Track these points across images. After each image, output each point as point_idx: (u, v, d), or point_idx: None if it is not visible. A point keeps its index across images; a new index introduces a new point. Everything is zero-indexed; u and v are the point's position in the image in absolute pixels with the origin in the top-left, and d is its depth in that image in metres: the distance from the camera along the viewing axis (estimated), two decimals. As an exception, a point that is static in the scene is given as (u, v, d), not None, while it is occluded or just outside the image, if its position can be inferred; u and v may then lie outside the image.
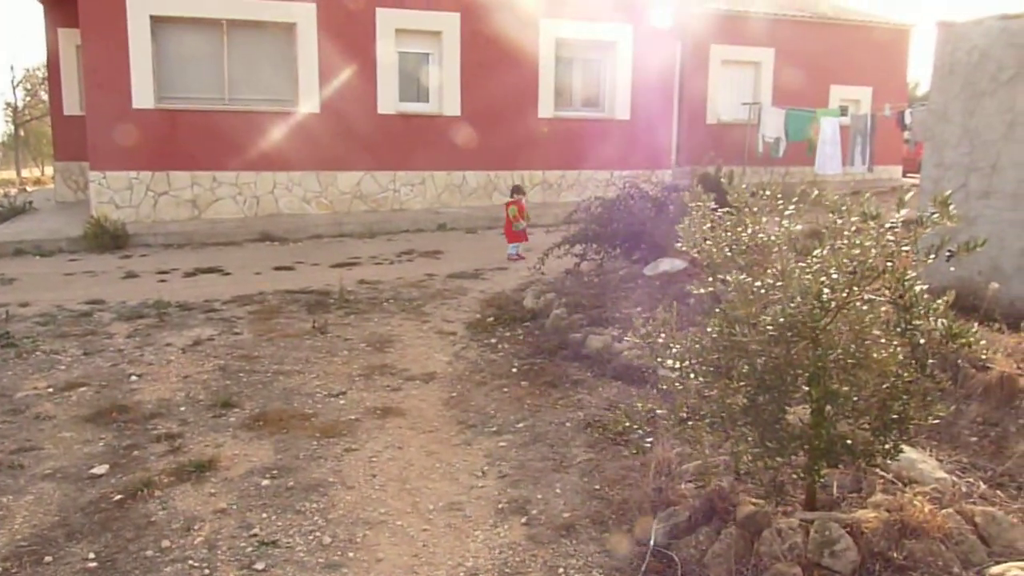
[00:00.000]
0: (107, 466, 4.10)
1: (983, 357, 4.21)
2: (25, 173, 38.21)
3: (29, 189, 24.38)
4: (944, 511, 2.95)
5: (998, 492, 3.34)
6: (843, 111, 19.92)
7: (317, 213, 14.46)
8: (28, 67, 51.87)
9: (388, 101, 14.81)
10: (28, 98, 42.74)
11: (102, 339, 6.52)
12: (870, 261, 2.75)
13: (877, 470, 3.25)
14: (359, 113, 14.57)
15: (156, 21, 13.29)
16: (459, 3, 14.90)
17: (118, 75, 13.04)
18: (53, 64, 17.57)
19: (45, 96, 32.26)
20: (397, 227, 13.52)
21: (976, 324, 2.89)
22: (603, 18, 16.15)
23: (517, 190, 10.87)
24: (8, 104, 42.26)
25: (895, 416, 2.88)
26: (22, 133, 42.65)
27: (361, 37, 14.43)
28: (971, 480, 3.43)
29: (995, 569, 2.69)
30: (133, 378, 5.52)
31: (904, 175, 22.98)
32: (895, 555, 2.80)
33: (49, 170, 32.60)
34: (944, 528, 2.86)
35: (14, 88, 41.80)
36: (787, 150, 18.82)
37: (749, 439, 2.98)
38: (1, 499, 3.77)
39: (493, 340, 6.42)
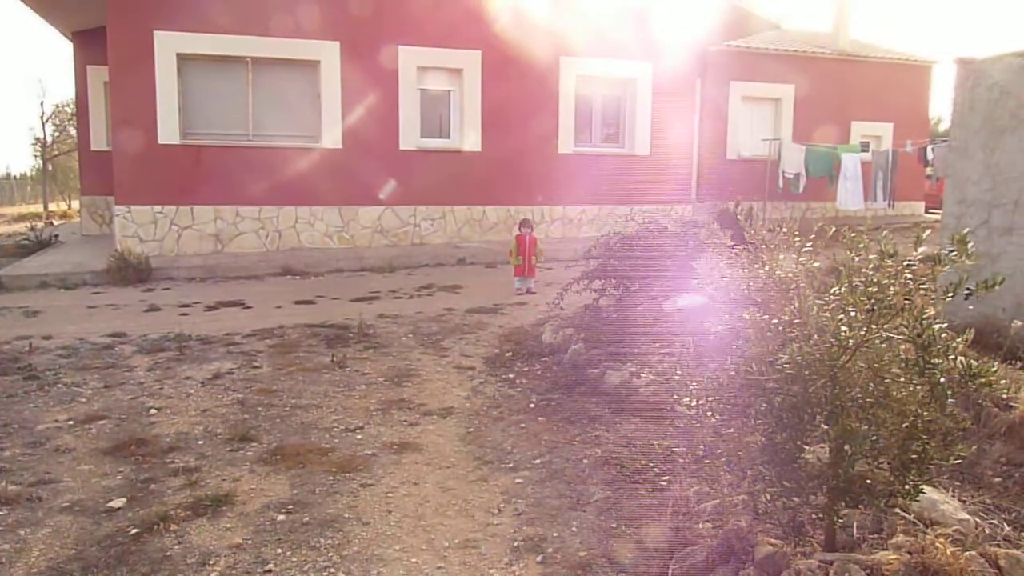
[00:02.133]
0: (124, 499, 4.12)
1: (1005, 396, 4.16)
2: (52, 207, 38.81)
3: (56, 223, 24.76)
4: (967, 553, 2.89)
5: (1023, 534, 3.27)
6: (864, 147, 19.90)
7: (338, 247, 14.57)
8: (57, 103, 52.93)
9: (409, 137, 14.97)
10: (57, 133, 43.53)
11: (123, 372, 6.58)
12: (888, 299, 2.73)
13: (898, 511, 3.21)
14: (381, 149, 14.73)
15: (183, 59, 13.56)
16: (480, 41, 15.10)
17: (145, 111, 13.29)
18: (81, 100, 17.94)
19: (73, 131, 32.87)
20: (417, 261, 13.60)
21: (999, 362, 2.86)
22: (623, 55, 16.29)
23: (524, 223, 10.92)
24: (37, 139, 43.03)
25: (915, 456, 2.85)
26: (50, 167, 43.39)
27: (383, 74, 14.64)
28: (995, 522, 3.37)
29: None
30: (152, 411, 5.56)
31: (927, 211, 22.87)
32: (917, 599, 2.75)
33: (76, 204, 33.12)
34: (967, 571, 2.81)
35: (43, 123, 42.57)
36: (807, 186, 18.81)
37: (767, 478, 2.95)
38: (19, 532, 3.79)
39: (511, 375, 6.42)
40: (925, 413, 2.82)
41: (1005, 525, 3.34)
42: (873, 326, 2.77)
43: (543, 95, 15.75)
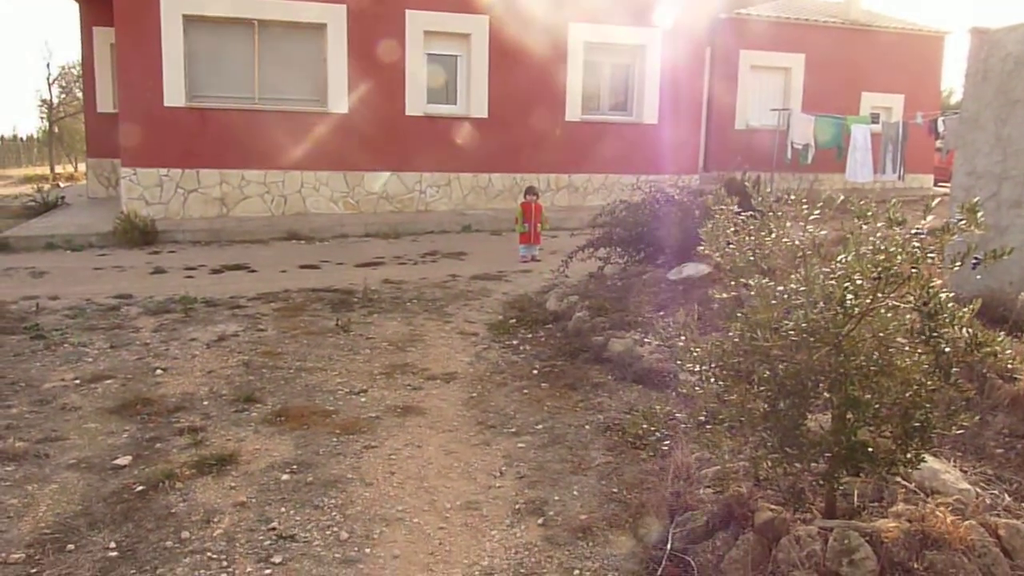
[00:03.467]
0: (130, 457, 4.15)
1: (1010, 367, 4.15)
2: (58, 169, 38.78)
3: (62, 185, 24.75)
4: (967, 523, 2.90)
5: (1023, 505, 3.28)
6: (874, 118, 19.73)
7: (343, 213, 14.55)
8: (63, 65, 52.63)
9: (416, 103, 14.88)
10: (63, 95, 43.34)
11: (129, 333, 6.60)
12: (895, 267, 2.72)
13: (899, 479, 3.21)
14: (387, 114, 14.65)
15: (189, 20, 13.45)
16: (488, 5, 14.94)
17: (150, 73, 13.21)
18: (87, 62, 17.86)
19: (79, 93, 32.72)
20: (422, 228, 13.57)
21: (1004, 334, 2.84)
22: (631, 22, 16.12)
23: (530, 191, 10.90)
24: (44, 101, 42.87)
25: (917, 425, 2.84)
26: (56, 130, 43.26)
27: (390, 39, 14.51)
28: (996, 492, 3.38)
29: (1018, 582, 2.65)
30: (158, 372, 5.59)
31: (936, 184, 22.72)
32: (916, 566, 2.76)
33: (82, 166, 33.06)
34: (966, 540, 2.82)
35: (50, 85, 42.37)
36: (816, 157, 18.67)
37: (769, 445, 2.95)
38: (26, 487, 3.82)
39: (515, 342, 6.42)
40: (929, 382, 2.82)
41: (1006, 496, 3.35)
42: (879, 294, 2.75)
43: (551, 62, 15.60)
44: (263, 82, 14.11)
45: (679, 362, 3.14)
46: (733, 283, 3.18)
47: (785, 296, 2.89)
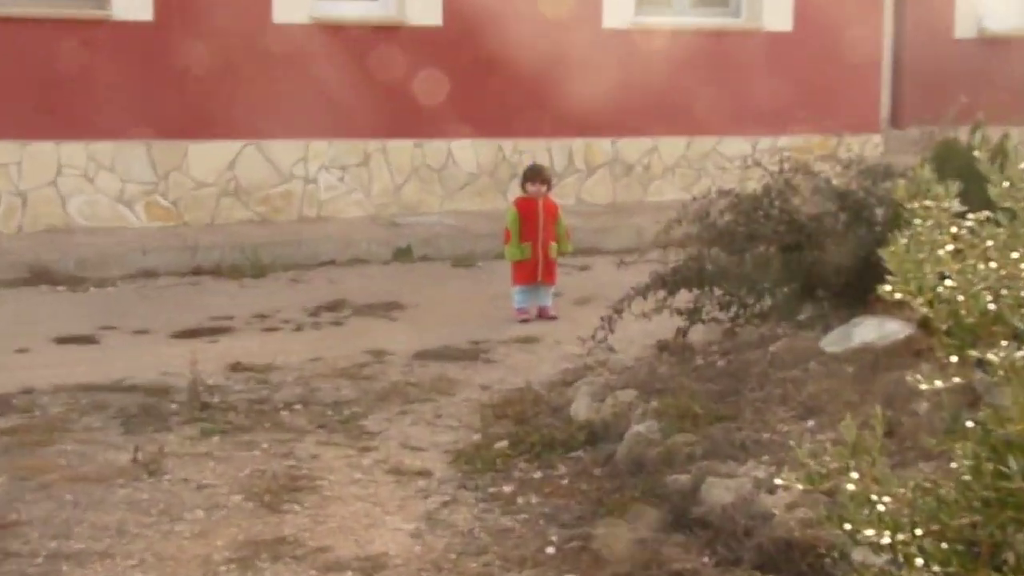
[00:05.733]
0: None
1: None
2: None
3: None
4: None
5: None
6: None
7: (146, 226, 14.54)
8: None
9: (296, -2, 15.03)
10: None
11: None
12: None
13: None
14: (236, 23, 14.71)
15: None
16: None
17: None
18: None
19: None
20: (312, 254, 13.61)
21: None
22: None
23: (534, 175, 10.98)
24: None
25: None
26: None
27: None
28: None
29: None
30: None
31: None
32: None
33: None
34: None
35: None
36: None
37: None
38: None
39: (508, 487, 6.43)
40: None
41: None
42: None
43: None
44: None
45: (849, 526, 3.15)
46: (956, 359, 3.20)
47: (1064, 386, 2.91)
